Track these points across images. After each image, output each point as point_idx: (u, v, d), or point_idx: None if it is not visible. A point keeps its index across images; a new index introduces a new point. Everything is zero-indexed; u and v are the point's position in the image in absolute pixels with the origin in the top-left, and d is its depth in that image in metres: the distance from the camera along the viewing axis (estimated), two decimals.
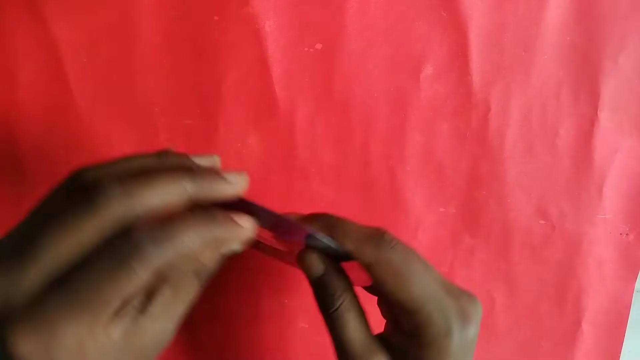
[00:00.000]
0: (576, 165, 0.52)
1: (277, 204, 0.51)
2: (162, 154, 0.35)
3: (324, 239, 0.36)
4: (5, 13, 0.46)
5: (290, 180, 0.51)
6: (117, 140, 0.50)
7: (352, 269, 0.37)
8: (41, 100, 0.49)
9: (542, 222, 0.53)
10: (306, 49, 0.48)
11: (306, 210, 0.50)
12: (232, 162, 0.51)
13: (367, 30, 0.48)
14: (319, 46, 0.48)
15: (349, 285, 0.37)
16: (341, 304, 0.36)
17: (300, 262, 0.37)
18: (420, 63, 0.49)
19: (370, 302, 0.39)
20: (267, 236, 0.38)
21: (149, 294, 0.31)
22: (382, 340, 0.37)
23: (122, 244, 0.28)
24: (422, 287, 0.35)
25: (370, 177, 0.51)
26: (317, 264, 0.37)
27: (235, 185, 0.33)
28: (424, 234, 0.53)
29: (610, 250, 0.54)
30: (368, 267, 0.35)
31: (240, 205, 0.34)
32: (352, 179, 0.51)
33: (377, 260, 0.35)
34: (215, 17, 0.47)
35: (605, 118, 0.51)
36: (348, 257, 0.36)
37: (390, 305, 0.37)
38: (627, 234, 0.54)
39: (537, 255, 0.54)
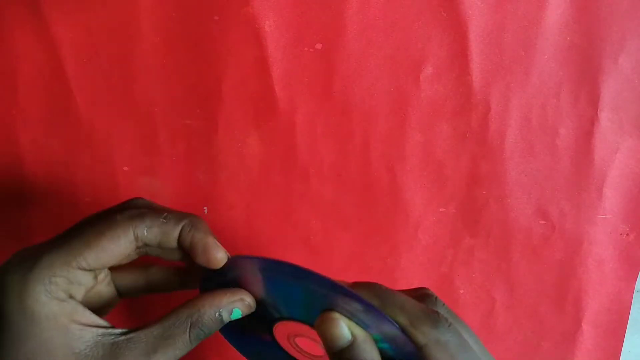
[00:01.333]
0: (576, 165, 0.52)
1: (277, 204, 0.52)
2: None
3: (374, 311, 0.33)
4: (5, 13, 0.47)
5: (290, 180, 0.51)
6: (117, 140, 0.50)
7: None
8: (41, 100, 0.49)
9: (542, 222, 0.53)
10: (306, 49, 0.48)
11: (307, 211, 0.51)
12: (232, 162, 0.51)
13: (367, 30, 0.48)
14: (319, 46, 0.48)
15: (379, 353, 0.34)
16: None
17: (323, 329, 0.33)
18: (420, 63, 0.49)
19: None
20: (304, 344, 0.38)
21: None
22: None
23: None
24: None
25: (370, 177, 0.51)
26: (344, 332, 0.33)
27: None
28: (424, 234, 0.53)
29: (610, 250, 0.54)
30: (422, 348, 0.32)
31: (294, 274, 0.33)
32: (352, 179, 0.51)
33: (436, 341, 0.32)
34: (216, 17, 0.47)
35: (606, 118, 0.51)
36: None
37: None
38: (627, 234, 0.54)
39: (537, 255, 0.54)
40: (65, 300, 0.32)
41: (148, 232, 0.34)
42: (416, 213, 0.52)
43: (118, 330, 0.33)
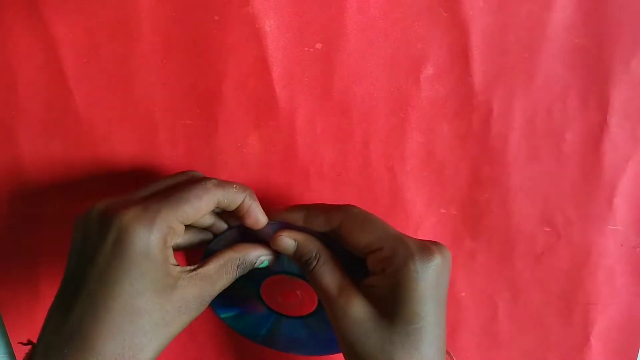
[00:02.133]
0: (584, 173, 0.51)
1: (277, 204, 0.52)
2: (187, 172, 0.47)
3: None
4: (5, 13, 0.47)
5: (290, 180, 0.51)
6: (117, 140, 0.50)
7: None
8: (41, 100, 0.49)
9: (547, 229, 0.52)
10: (306, 48, 0.48)
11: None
12: (232, 162, 0.51)
13: (367, 30, 0.48)
14: (319, 46, 0.48)
15: (322, 244, 0.45)
16: (317, 261, 0.44)
17: (276, 246, 0.45)
18: (420, 63, 0.48)
19: None
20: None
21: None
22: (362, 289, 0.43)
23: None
24: (385, 229, 0.42)
25: (370, 177, 0.51)
26: (288, 241, 0.44)
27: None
28: (424, 235, 0.52)
29: (622, 264, 0.53)
30: (339, 228, 0.43)
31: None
32: (352, 179, 0.51)
33: (345, 216, 0.43)
34: (216, 17, 0.47)
35: (615, 124, 0.50)
36: None
37: (360, 252, 0.43)
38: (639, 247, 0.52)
39: (541, 263, 0.53)
40: (169, 247, 0.42)
41: (225, 198, 0.44)
42: (416, 213, 0.52)
43: (190, 267, 0.43)
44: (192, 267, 0.43)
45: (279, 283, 0.49)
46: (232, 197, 0.44)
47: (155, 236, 0.40)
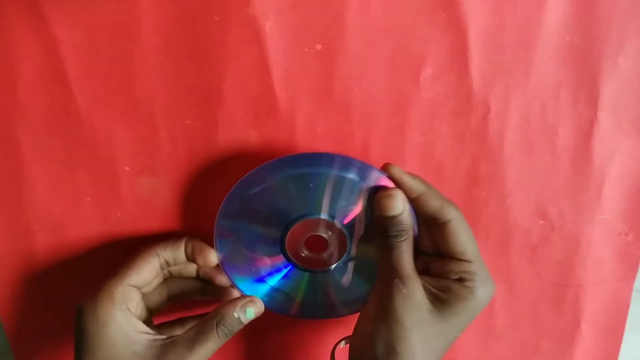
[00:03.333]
0: (576, 166, 0.52)
1: None
2: None
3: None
4: (5, 13, 0.46)
5: None
6: (117, 140, 0.50)
7: None
8: (41, 100, 0.49)
9: (541, 222, 0.53)
10: (306, 49, 0.48)
11: None
12: (232, 162, 0.51)
13: (367, 30, 0.48)
14: (319, 46, 0.48)
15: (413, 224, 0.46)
16: (408, 236, 0.45)
17: (386, 201, 0.44)
18: (420, 63, 0.49)
19: None
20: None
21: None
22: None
23: None
24: (476, 248, 0.45)
25: None
26: (400, 204, 0.44)
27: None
28: None
29: (609, 250, 0.55)
30: (446, 223, 0.44)
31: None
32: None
33: (458, 215, 0.45)
34: (216, 18, 0.47)
35: (605, 118, 0.51)
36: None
37: (447, 252, 0.45)
38: (626, 234, 0.54)
39: (536, 255, 0.54)
40: (124, 310, 0.45)
41: (164, 251, 0.48)
42: None
43: (164, 336, 0.45)
44: (167, 336, 0.46)
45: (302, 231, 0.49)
46: (171, 248, 0.48)
47: (101, 305, 0.44)
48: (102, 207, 0.52)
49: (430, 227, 0.46)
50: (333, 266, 0.49)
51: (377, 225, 0.46)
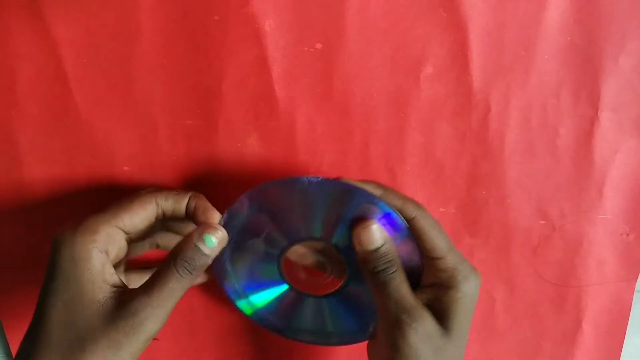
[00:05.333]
0: (576, 166, 0.52)
1: None
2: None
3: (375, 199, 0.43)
4: (5, 13, 0.46)
5: None
6: (117, 140, 0.50)
7: None
8: (41, 100, 0.49)
9: (542, 222, 0.53)
10: (306, 48, 0.48)
11: None
12: (232, 162, 0.51)
13: (367, 30, 0.48)
14: (319, 46, 0.48)
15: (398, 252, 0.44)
16: (397, 266, 0.43)
17: (364, 234, 0.42)
18: (420, 63, 0.49)
19: None
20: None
21: None
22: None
23: None
24: (449, 240, 0.44)
25: (370, 177, 0.51)
26: (378, 235, 0.42)
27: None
28: None
29: (610, 251, 0.54)
30: (412, 219, 0.43)
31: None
32: (352, 179, 0.51)
33: (422, 213, 0.43)
34: (216, 17, 0.47)
35: (606, 118, 0.51)
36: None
37: (422, 253, 0.43)
38: (627, 234, 0.54)
39: (537, 255, 0.54)
40: (102, 252, 0.41)
41: (165, 201, 0.44)
42: None
43: (129, 288, 0.41)
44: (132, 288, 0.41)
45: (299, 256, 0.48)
46: (173, 200, 0.44)
47: (81, 240, 0.40)
48: (102, 207, 0.52)
49: None
50: (329, 292, 0.49)
51: (362, 261, 0.44)
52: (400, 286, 0.42)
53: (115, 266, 0.43)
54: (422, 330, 0.41)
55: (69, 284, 0.40)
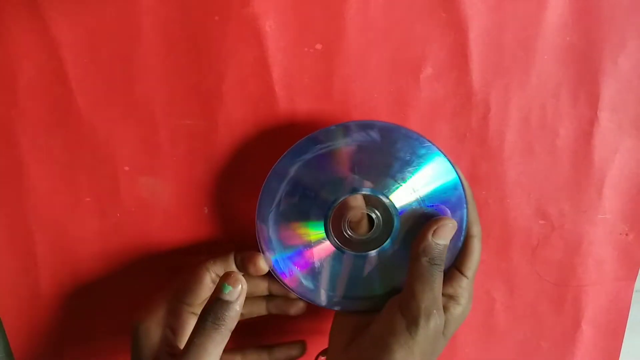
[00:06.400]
0: (576, 166, 0.52)
1: None
2: None
3: None
4: (5, 13, 0.47)
5: None
6: (117, 140, 0.50)
7: None
8: (41, 100, 0.49)
9: (541, 222, 0.53)
10: (306, 49, 0.48)
11: None
12: (232, 162, 0.51)
13: (367, 30, 0.48)
14: (319, 46, 0.48)
15: None
16: (443, 267, 0.44)
17: (442, 228, 0.44)
18: (420, 63, 0.49)
19: None
20: None
21: None
22: None
23: None
24: (477, 268, 0.47)
25: None
26: (450, 235, 0.45)
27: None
28: None
29: (610, 250, 0.54)
30: (469, 237, 0.46)
31: None
32: None
33: (479, 237, 0.46)
34: (216, 17, 0.47)
35: (605, 118, 0.51)
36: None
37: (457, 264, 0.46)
38: (626, 234, 0.54)
39: (536, 255, 0.54)
40: (167, 329, 0.46)
41: (214, 265, 0.47)
42: None
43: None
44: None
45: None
46: (221, 261, 0.47)
47: (146, 319, 0.46)
48: (102, 207, 0.52)
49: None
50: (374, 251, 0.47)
51: (422, 249, 0.44)
52: (441, 284, 0.44)
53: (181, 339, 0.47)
54: (438, 329, 0.43)
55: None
